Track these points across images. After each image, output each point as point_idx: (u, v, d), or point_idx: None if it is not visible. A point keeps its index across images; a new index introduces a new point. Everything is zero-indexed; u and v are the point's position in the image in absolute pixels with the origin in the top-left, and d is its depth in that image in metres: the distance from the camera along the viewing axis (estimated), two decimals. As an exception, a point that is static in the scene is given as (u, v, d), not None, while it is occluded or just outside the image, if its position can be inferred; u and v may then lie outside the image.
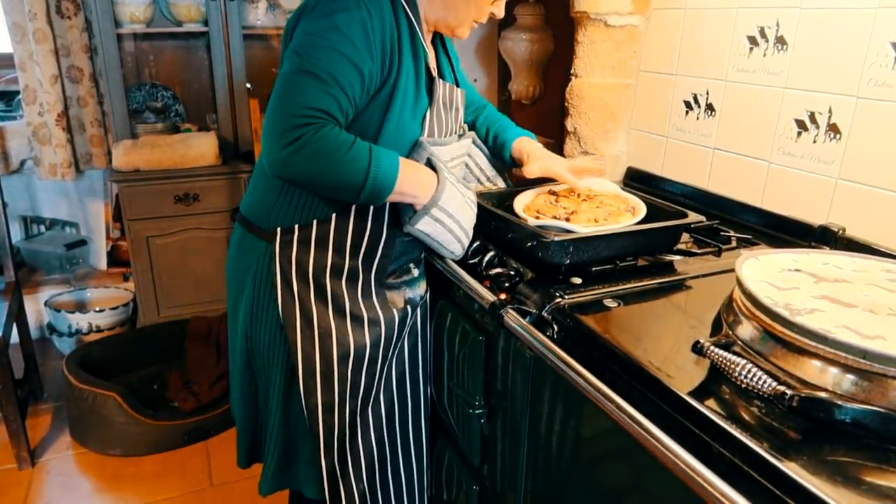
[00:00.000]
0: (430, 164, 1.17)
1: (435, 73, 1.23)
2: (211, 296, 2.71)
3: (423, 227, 1.16)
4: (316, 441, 1.29)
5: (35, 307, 2.81)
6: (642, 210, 1.28)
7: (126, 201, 2.51)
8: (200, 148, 2.56)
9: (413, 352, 1.39)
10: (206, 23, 2.61)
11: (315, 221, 1.19)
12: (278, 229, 1.20)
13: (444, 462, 1.53)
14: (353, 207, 1.18)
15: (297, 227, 1.19)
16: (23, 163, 2.80)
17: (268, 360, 1.30)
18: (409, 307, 1.32)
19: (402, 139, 1.16)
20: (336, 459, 1.31)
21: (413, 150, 1.18)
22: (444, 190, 1.14)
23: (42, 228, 3.06)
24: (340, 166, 1.03)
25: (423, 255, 1.37)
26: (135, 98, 2.82)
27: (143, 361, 2.52)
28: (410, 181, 1.11)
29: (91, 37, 2.66)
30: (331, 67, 1.03)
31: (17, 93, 2.70)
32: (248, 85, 2.78)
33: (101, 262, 3.04)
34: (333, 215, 1.18)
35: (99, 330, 2.71)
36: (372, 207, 1.19)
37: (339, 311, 1.23)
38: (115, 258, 3.01)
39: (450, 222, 1.18)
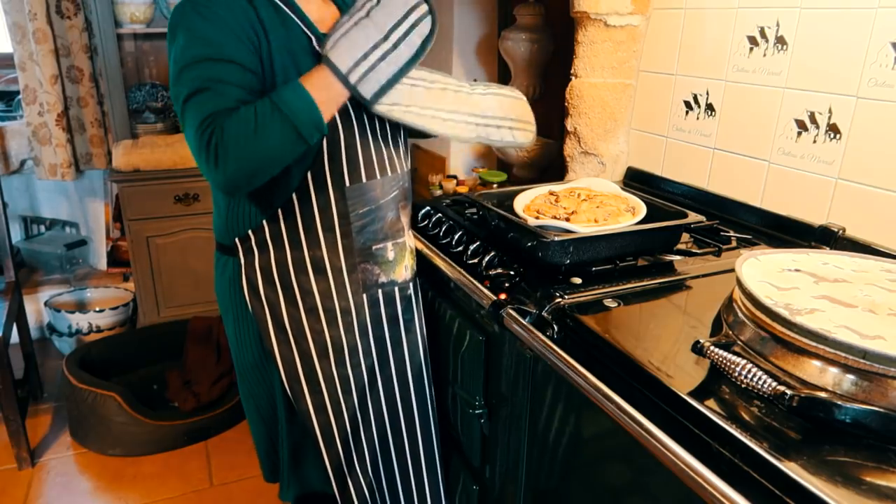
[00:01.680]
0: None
1: (311, 34, 1.13)
2: (211, 296, 2.68)
3: (383, 101, 1.08)
4: (316, 441, 1.29)
5: (35, 307, 2.81)
6: (642, 210, 1.28)
7: (126, 201, 2.51)
8: (200, 148, 2.56)
9: (408, 344, 1.35)
10: (206, 23, 2.61)
11: (264, 220, 1.18)
12: (237, 240, 1.21)
13: (446, 462, 1.53)
14: (294, 194, 1.15)
15: (250, 231, 1.19)
16: (23, 163, 2.80)
17: (259, 370, 1.31)
18: (381, 291, 1.27)
19: None
20: (341, 456, 1.31)
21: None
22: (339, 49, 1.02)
23: (42, 228, 3.06)
24: (261, 139, 0.97)
25: (402, 239, 1.28)
26: (135, 98, 2.82)
27: (143, 361, 2.52)
28: (320, 86, 1.02)
29: (91, 37, 2.66)
30: (202, 75, 1.00)
31: (17, 93, 2.70)
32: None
33: (101, 262, 3.04)
34: (279, 210, 1.16)
35: (99, 330, 2.71)
36: (311, 183, 1.14)
37: (311, 310, 1.22)
38: (115, 258, 3.01)
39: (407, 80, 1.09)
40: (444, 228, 1.45)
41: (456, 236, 1.40)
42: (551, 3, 2.23)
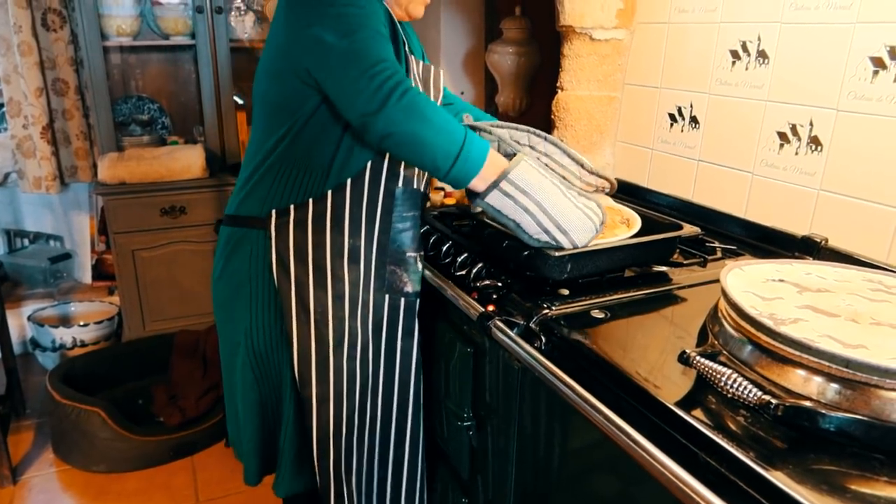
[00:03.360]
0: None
1: (408, 51, 1.21)
2: (197, 309, 2.69)
3: (492, 200, 1.10)
4: (308, 433, 1.27)
5: (18, 322, 2.77)
6: (637, 222, 1.28)
7: (111, 214, 2.49)
8: (187, 160, 2.55)
9: (409, 354, 1.35)
10: (193, 36, 2.61)
11: (311, 200, 1.17)
12: (273, 212, 1.18)
13: (434, 474, 1.52)
14: (349, 181, 1.17)
15: (292, 206, 1.18)
16: (6, 176, 2.78)
17: (273, 355, 1.27)
18: (403, 299, 1.29)
19: None
20: (332, 453, 1.29)
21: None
22: (517, 165, 1.09)
23: (26, 242, 3.02)
24: (440, 128, 1.04)
25: (421, 251, 1.32)
26: (121, 111, 2.81)
27: (128, 376, 2.49)
28: (494, 164, 1.09)
29: (77, 49, 2.65)
30: (371, 23, 1.04)
31: (1, 105, 2.68)
32: (238, 98, 2.79)
33: (86, 276, 3.01)
34: (329, 192, 1.17)
35: (83, 344, 2.67)
36: (368, 178, 1.17)
37: (338, 297, 1.21)
38: (100, 272, 2.98)
39: (525, 200, 1.09)
40: (432, 240, 1.45)
41: (444, 248, 1.40)
42: (537, 16, 2.25)
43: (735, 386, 0.79)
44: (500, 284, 1.20)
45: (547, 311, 1.08)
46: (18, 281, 2.97)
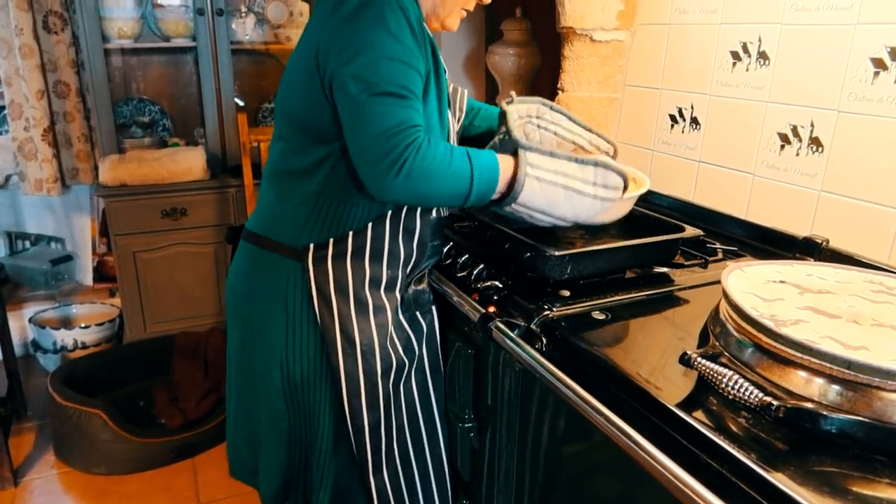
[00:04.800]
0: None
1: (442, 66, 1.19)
2: (199, 311, 2.69)
3: (507, 210, 1.12)
4: (364, 463, 1.24)
5: (19, 324, 2.77)
6: (644, 181, 1.25)
7: (112, 216, 2.49)
8: (188, 162, 2.55)
9: (434, 363, 1.34)
10: (194, 38, 2.62)
11: (351, 233, 1.15)
12: (311, 245, 1.15)
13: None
14: (389, 213, 1.15)
15: (331, 241, 1.15)
16: (8, 178, 2.78)
17: (310, 387, 1.23)
18: (428, 315, 1.30)
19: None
20: (387, 482, 1.27)
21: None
22: (521, 189, 1.07)
23: (27, 244, 3.03)
24: (447, 179, 1.03)
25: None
26: (122, 112, 2.81)
27: (129, 378, 2.49)
28: (506, 178, 1.09)
29: (78, 52, 2.66)
30: (401, 79, 1.01)
31: (3, 108, 2.68)
32: (239, 100, 2.79)
33: (87, 278, 3.01)
34: (369, 224, 1.15)
35: (84, 346, 2.67)
36: (406, 210, 1.17)
37: (381, 325, 1.19)
38: (102, 273, 2.98)
39: (535, 213, 1.12)
40: (432, 242, 1.45)
41: (444, 249, 1.40)
42: (538, 18, 2.25)
43: (736, 387, 0.78)
44: (500, 286, 1.20)
45: (548, 312, 1.08)
46: (20, 283, 2.97)
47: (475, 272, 1.27)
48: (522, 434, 1.15)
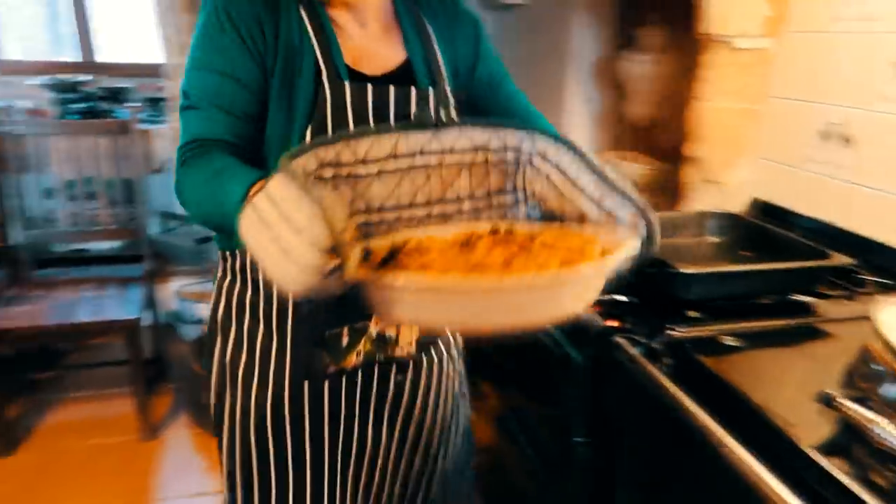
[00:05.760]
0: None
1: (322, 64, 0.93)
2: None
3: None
4: None
5: (166, 295, 3.07)
6: (623, 249, 0.74)
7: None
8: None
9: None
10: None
11: None
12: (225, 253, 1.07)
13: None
14: None
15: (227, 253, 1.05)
16: (164, 163, 3.08)
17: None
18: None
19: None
20: None
21: None
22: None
23: (176, 224, 3.35)
24: (208, 198, 0.86)
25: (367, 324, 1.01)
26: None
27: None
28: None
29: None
30: (205, 91, 0.93)
31: (164, 99, 2.97)
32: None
33: (226, 258, 3.27)
34: None
35: (219, 320, 2.90)
36: None
37: None
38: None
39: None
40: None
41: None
42: (675, 24, 2.17)
43: (885, 435, 0.72)
44: (624, 300, 1.18)
45: (673, 332, 1.04)
46: (169, 258, 3.29)
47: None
48: (633, 453, 1.12)
